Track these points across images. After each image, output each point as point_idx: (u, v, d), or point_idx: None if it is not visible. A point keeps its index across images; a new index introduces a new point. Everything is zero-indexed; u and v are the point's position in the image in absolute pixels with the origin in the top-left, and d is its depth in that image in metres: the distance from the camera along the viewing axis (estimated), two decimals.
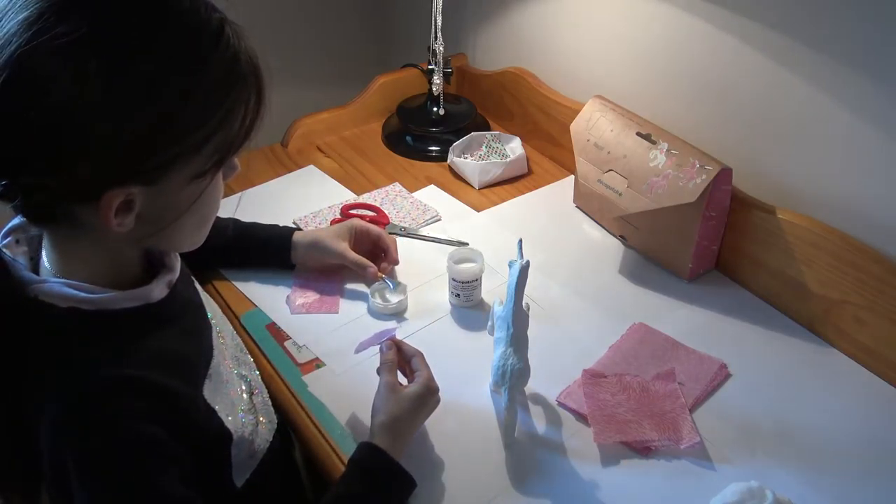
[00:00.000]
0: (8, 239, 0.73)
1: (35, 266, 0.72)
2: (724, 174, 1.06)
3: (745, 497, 0.81)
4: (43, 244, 0.72)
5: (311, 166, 1.43)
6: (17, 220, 0.74)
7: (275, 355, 1.03)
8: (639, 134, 1.15)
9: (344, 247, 1.10)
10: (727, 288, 1.15)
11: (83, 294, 0.67)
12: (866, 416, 0.95)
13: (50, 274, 0.70)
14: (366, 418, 0.89)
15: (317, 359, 1.03)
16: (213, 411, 0.75)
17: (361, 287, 1.14)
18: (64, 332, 0.67)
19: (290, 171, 1.41)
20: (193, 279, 0.87)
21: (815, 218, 1.04)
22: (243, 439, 0.79)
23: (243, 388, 0.83)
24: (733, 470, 0.88)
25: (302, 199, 1.33)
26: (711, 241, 1.13)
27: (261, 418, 0.85)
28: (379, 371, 0.90)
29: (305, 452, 0.97)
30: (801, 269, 1.05)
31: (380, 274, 1.11)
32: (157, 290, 0.73)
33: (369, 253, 1.14)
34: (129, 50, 0.60)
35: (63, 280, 0.68)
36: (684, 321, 1.09)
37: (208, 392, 0.75)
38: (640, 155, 1.14)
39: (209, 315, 0.84)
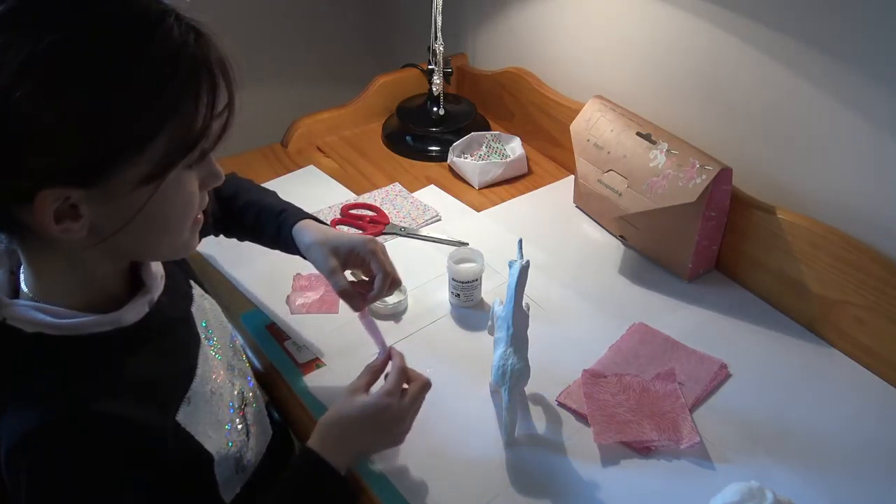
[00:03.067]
0: None
1: (15, 285, 0.68)
2: (724, 174, 1.06)
3: (745, 497, 0.80)
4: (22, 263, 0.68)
5: (311, 166, 1.43)
6: None
7: (275, 355, 1.03)
8: (639, 134, 1.15)
9: (334, 265, 0.93)
10: (727, 288, 1.15)
11: (50, 319, 0.63)
12: (866, 416, 0.95)
13: (27, 295, 0.66)
14: None
15: (317, 359, 1.03)
16: (189, 436, 0.71)
17: None
18: (27, 359, 0.64)
19: (290, 171, 1.41)
20: (192, 283, 0.84)
21: (815, 218, 1.04)
22: (228, 458, 0.76)
23: (235, 400, 0.80)
24: (733, 470, 0.88)
25: (302, 199, 1.31)
26: (711, 241, 1.13)
27: (252, 430, 0.83)
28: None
29: None
30: (801, 269, 1.05)
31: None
32: (131, 313, 0.69)
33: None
34: (51, 32, 0.54)
35: (34, 303, 0.64)
36: (684, 321, 1.08)
37: (184, 416, 0.71)
38: (640, 155, 1.13)
39: (203, 323, 0.81)
